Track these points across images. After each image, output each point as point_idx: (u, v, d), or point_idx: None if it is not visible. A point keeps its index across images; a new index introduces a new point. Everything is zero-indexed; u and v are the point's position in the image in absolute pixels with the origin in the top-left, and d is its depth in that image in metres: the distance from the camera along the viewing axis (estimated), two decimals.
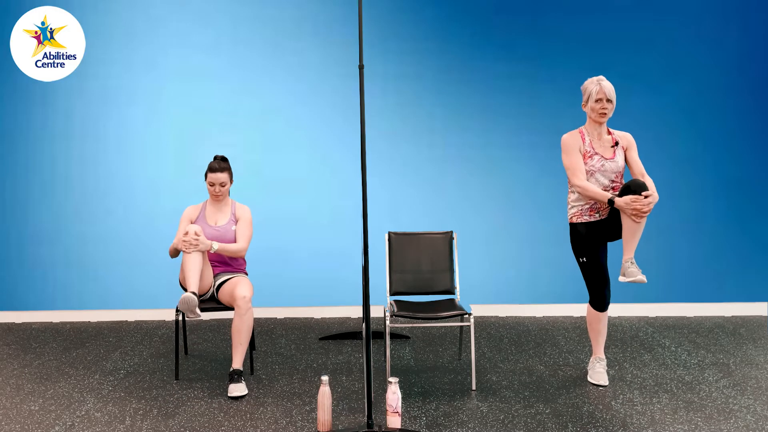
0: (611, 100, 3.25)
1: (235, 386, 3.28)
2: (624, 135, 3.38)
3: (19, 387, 3.46)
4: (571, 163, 3.32)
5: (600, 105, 3.25)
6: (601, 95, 3.24)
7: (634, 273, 3.16)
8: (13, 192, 4.78)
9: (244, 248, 3.56)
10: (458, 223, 4.58)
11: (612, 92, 3.25)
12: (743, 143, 4.81)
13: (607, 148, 3.32)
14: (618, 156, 3.31)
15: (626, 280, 3.20)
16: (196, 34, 4.73)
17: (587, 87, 3.30)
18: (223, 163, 3.59)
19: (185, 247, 3.34)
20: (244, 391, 3.29)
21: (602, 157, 3.29)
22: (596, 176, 3.29)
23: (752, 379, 3.47)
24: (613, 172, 3.29)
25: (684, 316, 4.84)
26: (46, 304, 4.83)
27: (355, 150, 4.60)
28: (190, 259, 3.33)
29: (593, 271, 3.35)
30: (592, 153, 3.30)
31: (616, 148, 3.32)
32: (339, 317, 4.87)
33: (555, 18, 4.75)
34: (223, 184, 3.55)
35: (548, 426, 2.91)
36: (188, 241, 3.33)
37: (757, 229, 4.84)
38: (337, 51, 4.72)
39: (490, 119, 4.81)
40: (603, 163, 3.28)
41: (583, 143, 3.32)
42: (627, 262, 3.21)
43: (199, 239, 3.35)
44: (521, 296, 4.89)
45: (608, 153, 3.31)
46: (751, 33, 4.76)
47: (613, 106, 3.27)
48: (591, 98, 3.27)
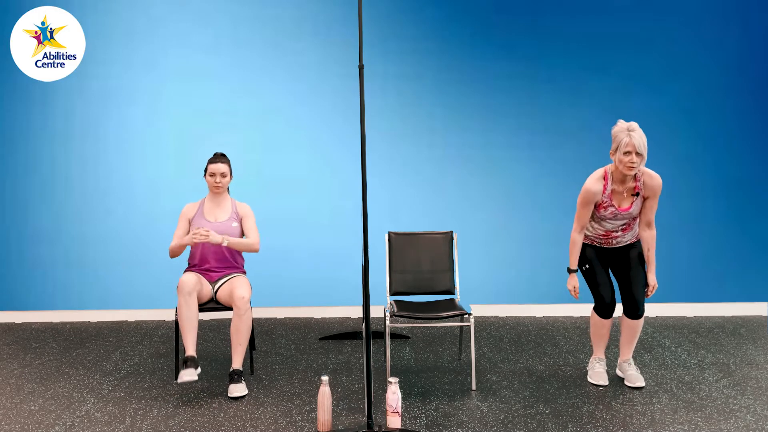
0: (641, 154, 3.05)
1: (235, 386, 3.28)
2: (651, 182, 3.19)
3: (19, 387, 3.46)
4: (579, 215, 3.30)
5: (629, 158, 3.05)
6: (630, 148, 3.04)
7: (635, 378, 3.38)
8: (13, 192, 4.78)
9: (257, 242, 3.58)
10: (458, 223, 4.58)
11: (642, 145, 3.04)
12: (743, 143, 4.81)
13: (625, 198, 3.22)
14: (635, 206, 3.22)
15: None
16: (196, 34, 4.73)
17: (617, 135, 3.10)
18: (223, 158, 3.62)
19: (196, 239, 3.35)
20: (244, 392, 3.28)
21: (616, 209, 3.22)
22: (605, 222, 3.28)
23: (752, 379, 3.47)
24: (625, 219, 3.26)
25: (684, 316, 4.84)
26: (46, 304, 4.83)
27: (355, 150, 4.59)
28: (184, 314, 3.31)
29: (596, 276, 3.36)
30: (608, 204, 3.23)
31: (635, 199, 3.21)
32: (339, 317, 4.87)
33: (555, 18, 4.75)
34: (224, 174, 3.56)
35: (548, 426, 2.91)
36: (198, 232, 3.35)
37: (757, 229, 4.84)
38: (337, 51, 4.72)
39: (490, 119, 4.80)
40: (615, 214, 3.24)
41: (603, 192, 3.22)
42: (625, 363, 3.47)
43: (209, 234, 3.36)
44: (521, 296, 4.89)
45: (625, 203, 3.22)
46: (751, 33, 4.76)
47: (643, 160, 3.07)
48: (620, 149, 3.08)
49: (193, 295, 3.33)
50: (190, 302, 3.31)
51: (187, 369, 3.22)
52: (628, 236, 3.34)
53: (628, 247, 3.36)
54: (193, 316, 3.33)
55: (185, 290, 3.31)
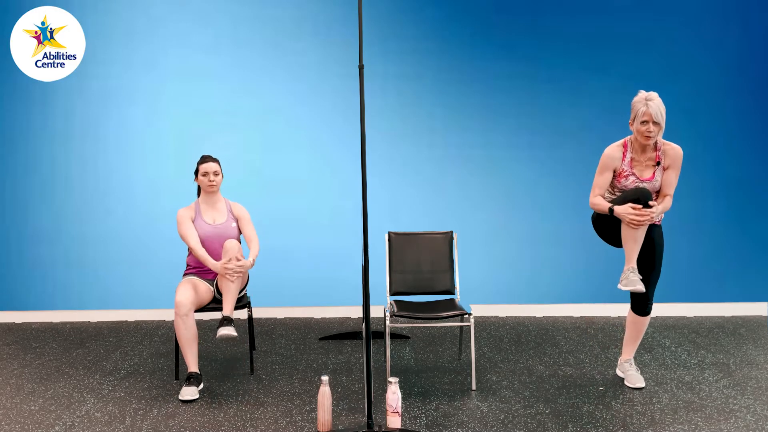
0: (658, 123, 3.05)
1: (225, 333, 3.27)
2: (673, 152, 3.18)
3: (19, 387, 3.46)
4: (596, 180, 3.24)
5: (645, 128, 3.06)
6: (647, 117, 3.05)
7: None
8: (13, 192, 4.78)
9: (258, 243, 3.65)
10: (458, 223, 4.58)
11: (659, 114, 3.05)
12: (743, 143, 4.81)
13: (646, 168, 3.18)
14: (657, 176, 3.18)
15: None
16: (196, 34, 4.73)
17: (635, 105, 3.12)
18: (212, 157, 3.63)
19: (229, 276, 3.34)
20: (234, 334, 3.29)
21: (637, 178, 3.17)
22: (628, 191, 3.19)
23: (752, 379, 3.47)
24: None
25: (684, 316, 4.84)
26: (46, 304, 4.83)
27: (355, 150, 4.59)
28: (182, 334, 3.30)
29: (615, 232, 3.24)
30: (628, 173, 3.19)
31: (656, 168, 3.18)
32: (339, 317, 4.87)
33: (555, 18, 4.75)
34: (216, 173, 3.56)
35: (548, 426, 2.91)
36: (231, 269, 3.33)
37: (757, 229, 4.84)
38: (337, 51, 4.72)
39: (490, 119, 4.80)
40: (638, 184, 3.17)
41: (623, 160, 3.19)
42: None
43: (243, 265, 3.36)
44: (521, 296, 4.89)
45: (646, 173, 3.18)
46: (751, 33, 4.76)
47: (660, 129, 3.07)
48: (637, 119, 3.09)
49: (190, 315, 3.32)
50: (188, 322, 3.31)
51: (189, 387, 3.26)
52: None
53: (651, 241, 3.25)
54: (192, 335, 3.33)
55: (182, 312, 3.29)
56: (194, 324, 3.35)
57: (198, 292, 3.43)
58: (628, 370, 3.43)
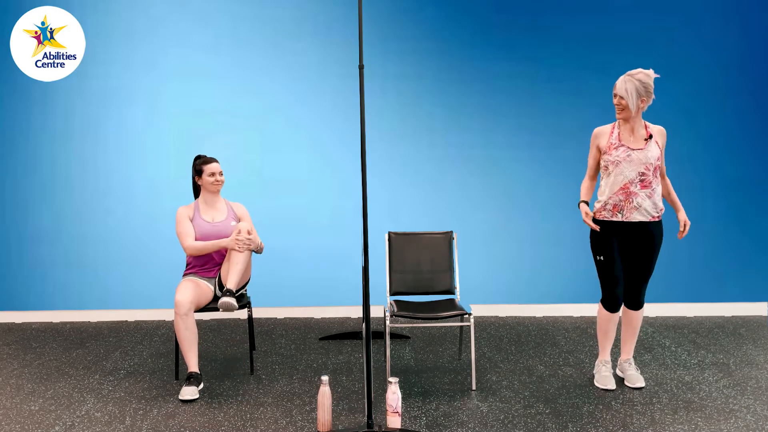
0: (618, 94, 3.13)
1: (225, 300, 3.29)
2: (658, 130, 3.26)
3: (19, 387, 3.46)
4: (588, 162, 3.37)
5: (615, 101, 3.17)
6: (615, 90, 3.16)
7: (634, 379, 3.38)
8: (13, 192, 4.78)
9: None
10: (458, 223, 4.58)
11: (621, 88, 3.11)
12: (743, 143, 4.81)
13: (638, 140, 3.19)
14: (650, 147, 3.17)
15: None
16: (196, 34, 4.73)
17: None
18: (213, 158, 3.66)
19: (239, 246, 3.36)
20: (236, 306, 3.31)
21: (628, 148, 3.17)
22: (622, 167, 3.17)
23: (752, 379, 3.47)
24: (642, 163, 3.16)
25: (684, 316, 4.84)
26: (46, 304, 4.83)
27: (355, 150, 4.60)
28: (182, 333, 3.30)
29: (608, 271, 3.29)
30: (617, 144, 3.20)
31: (648, 141, 3.19)
32: (339, 317, 4.87)
33: (555, 18, 4.75)
34: (221, 173, 3.61)
35: (548, 426, 2.91)
36: (242, 240, 3.36)
37: (757, 229, 4.84)
38: (337, 51, 4.72)
39: (490, 119, 4.81)
40: (629, 153, 3.16)
41: (610, 136, 3.23)
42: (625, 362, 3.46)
43: (251, 238, 3.40)
44: (521, 296, 4.89)
45: (638, 144, 3.19)
46: (751, 33, 4.76)
47: (626, 102, 3.12)
48: None
49: (190, 315, 3.32)
50: (188, 322, 3.31)
51: (189, 387, 3.26)
52: (647, 202, 3.22)
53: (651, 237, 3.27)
54: (192, 335, 3.34)
55: (182, 311, 3.29)
56: (194, 323, 3.35)
57: (198, 291, 3.42)
58: (627, 369, 3.43)
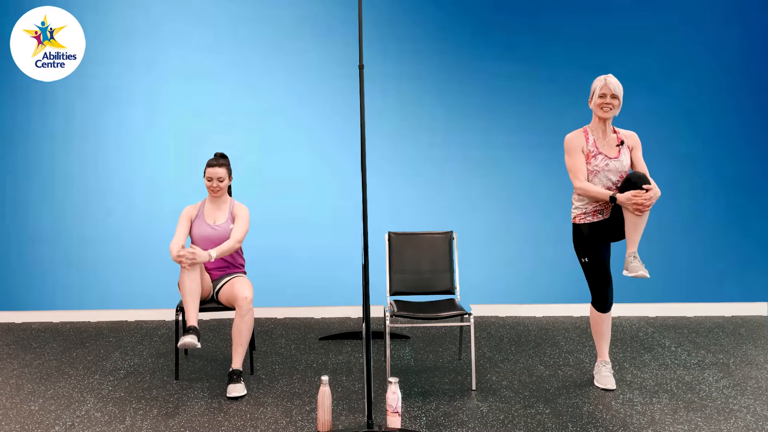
0: (616, 96, 3.21)
1: (233, 386, 3.28)
2: (630, 134, 3.34)
3: (19, 387, 3.46)
4: (572, 165, 3.30)
5: (603, 100, 3.22)
6: (606, 90, 3.21)
7: (637, 268, 3.15)
8: (13, 192, 4.78)
9: (238, 241, 3.49)
10: (458, 223, 4.58)
11: (617, 88, 3.21)
12: (743, 143, 4.81)
13: (611, 147, 3.28)
14: (623, 155, 3.27)
15: (629, 274, 3.18)
16: (196, 34, 4.73)
17: (594, 84, 3.28)
18: (222, 159, 3.57)
19: (183, 264, 3.31)
20: (243, 392, 3.28)
21: (606, 156, 3.25)
22: (600, 176, 3.26)
23: (752, 379, 3.47)
24: (618, 172, 3.25)
25: (684, 316, 4.84)
26: (46, 304, 4.83)
27: (355, 150, 4.60)
28: (187, 285, 3.30)
29: (595, 271, 3.33)
30: (595, 152, 3.27)
31: (621, 147, 3.28)
32: (339, 317, 4.87)
33: (555, 18, 4.75)
34: (221, 179, 3.53)
35: (548, 426, 2.91)
36: (184, 255, 3.29)
37: (757, 229, 4.84)
38: (337, 51, 4.72)
39: (490, 119, 4.80)
40: (607, 162, 3.24)
41: (587, 143, 3.29)
42: (630, 256, 3.19)
43: (195, 254, 3.31)
44: (521, 296, 4.89)
45: (613, 152, 3.27)
46: (751, 33, 4.76)
47: (618, 103, 3.23)
48: (596, 94, 3.24)
49: (196, 268, 3.31)
50: (192, 274, 3.30)
51: (189, 334, 3.21)
52: None
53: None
54: (196, 285, 3.32)
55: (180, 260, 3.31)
56: (199, 278, 3.34)
57: (203, 273, 3.44)
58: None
